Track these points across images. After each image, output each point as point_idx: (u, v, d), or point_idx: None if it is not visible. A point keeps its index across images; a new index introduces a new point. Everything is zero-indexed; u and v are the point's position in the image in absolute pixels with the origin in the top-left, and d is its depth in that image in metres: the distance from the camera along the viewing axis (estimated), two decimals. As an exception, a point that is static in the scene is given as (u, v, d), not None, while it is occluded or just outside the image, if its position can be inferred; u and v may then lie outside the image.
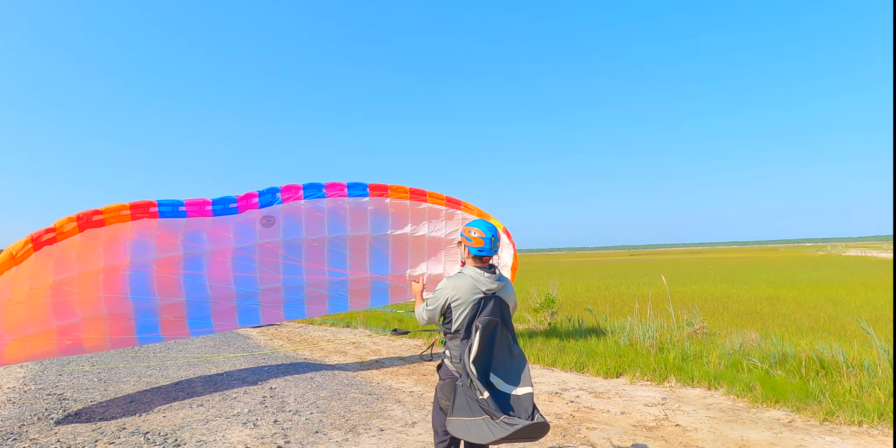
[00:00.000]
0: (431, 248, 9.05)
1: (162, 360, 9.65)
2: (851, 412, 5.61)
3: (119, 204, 6.47)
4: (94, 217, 6.30)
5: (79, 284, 6.43)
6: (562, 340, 9.80)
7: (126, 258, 6.69)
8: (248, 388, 7.51)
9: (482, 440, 3.08)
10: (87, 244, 6.37)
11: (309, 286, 8.20)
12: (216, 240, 7.35)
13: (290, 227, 7.89)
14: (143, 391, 7.46)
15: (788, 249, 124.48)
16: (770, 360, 7.31)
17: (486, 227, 3.55)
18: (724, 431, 5.37)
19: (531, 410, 3.12)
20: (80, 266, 6.37)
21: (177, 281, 7.11)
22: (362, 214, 8.42)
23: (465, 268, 3.55)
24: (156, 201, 6.71)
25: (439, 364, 3.61)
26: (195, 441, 5.37)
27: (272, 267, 7.80)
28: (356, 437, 5.39)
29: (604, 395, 6.81)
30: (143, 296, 6.89)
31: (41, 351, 6.49)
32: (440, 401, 3.53)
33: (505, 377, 3.25)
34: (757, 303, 15.61)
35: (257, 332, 13.35)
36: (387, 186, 8.48)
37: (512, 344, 3.35)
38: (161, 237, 6.89)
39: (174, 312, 7.23)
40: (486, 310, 3.32)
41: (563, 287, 21.51)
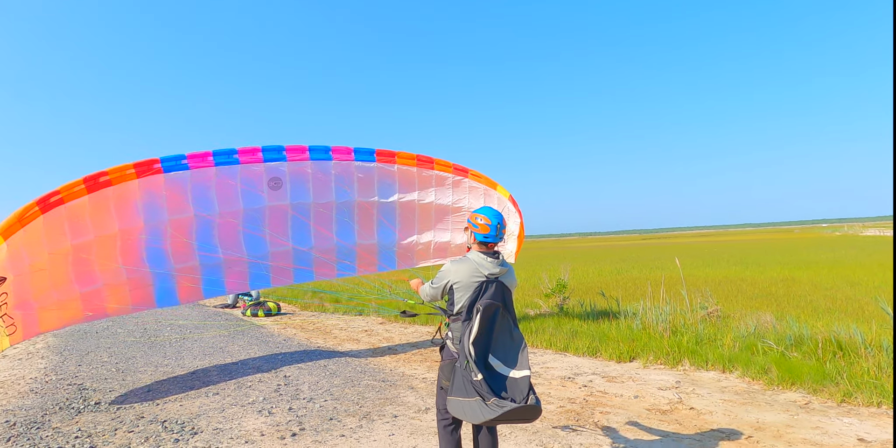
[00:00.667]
0: (438, 215, 9.02)
1: (178, 350, 9.78)
2: (870, 393, 5.54)
3: (123, 164, 6.59)
4: (101, 178, 6.41)
5: (98, 251, 6.58)
6: (574, 325, 9.78)
7: (140, 221, 6.79)
8: (262, 376, 7.59)
9: (474, 420, 3.23)
10: (99, 206, 6.48)
11: (317, 251, 8.24)
12: (224, 201, 7.38)
13: (297, 191, 7.89)
14: (159, 380, 7.58)
15: (804, 230, 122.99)
16: (786, 342, 7.24)
17: (493, 214, 3.66)
18: (739, 414, 5.33)
19: (526, 392, 3.22)
20: (97, 230, 6.50)
21: (189, 246, 7.25)
22: (370, 180, 8.41)
23: (470, 252, 3.68)
24: (159, 158, 6.82)
25: (442, 345, 3.76)
26: (212, 429, 5.44)
27: (281, 231, 7.87)
28: (370, 424, 5.43)
29: (617, 380, 6.79)
30: (159, 262, 7.07)
31: (68, 319, 6.69)
32: (441, 381, 3.69)
33: (504, 359, 3.37)
34: (772, 285, 15.44)
35: (271, 322, 13.48)
36: (394, 153, 8.45)
37: (512, 327, 3.46)
38: (170, 197, 6.97)
39: (189, 277, 7.40)
40: (487, 293, 3.45)
41: (574, 272, 21.45)
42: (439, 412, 3.79)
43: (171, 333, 11.74)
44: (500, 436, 4.97)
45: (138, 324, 13.22)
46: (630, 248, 56.97)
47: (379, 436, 5.08)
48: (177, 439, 5.16)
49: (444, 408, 3.71)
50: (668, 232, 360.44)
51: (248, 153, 7.45)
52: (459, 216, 9.06)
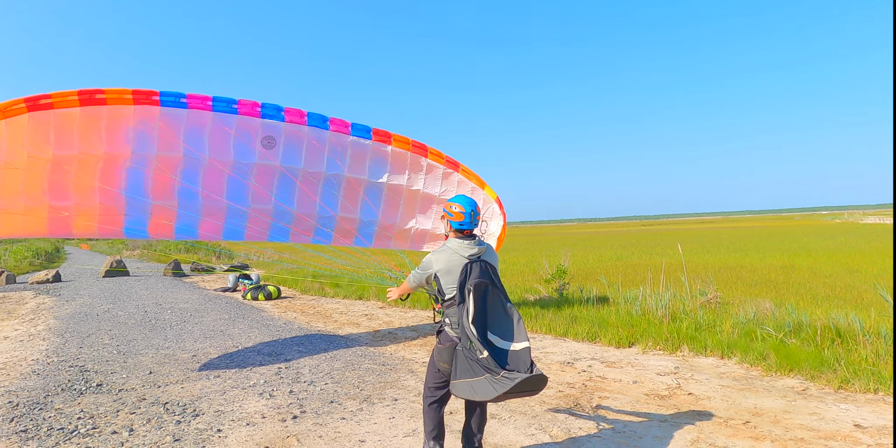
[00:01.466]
0: (424, 203, 9.03)
1: (178, 333, 9.83)
2: (867, 380, 5.57)
3: (122, 88, 6.52)
4: (97, 95, 6.32)
5: (78, 167, 6.46)
6: (573, 311, 9.81)
7: (127, 148, 6.70)
8: (263, 359, 7.63)
9: (487, 397, 3.31)
10: (89, 123, 6.38)
11: (297, 215, 8.25)
12: (216, 150, 7.31)
13: (289, 154, 7.86)
14: (161, 363, 7.62)
15: (804, 218, 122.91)
16: (784, 328, 7.26)
17: (467, 202, 3.79)
18: (737, 400, 5.37)
19: (529, 364, 3.36)
20: (82, 146, 6.39)
21: (172, 186, 7.17)
22: (362, 157, 8.40)
23: (448, 241, 3.79)
24: (158, 90, 6.76)
25: (439, 330, 3.84)
26: (213, 411, 5.48)
27: (265, 191, 7.85)
28: (370, 407, 5.47)
29: (616, 365, 6.83)
30: (138, 195, 6.97)
31: (31, 228, 6.61)
32: (438, 363, 3.76)
33: (502, 334, 3.49)
34: (771, 272, 15.47)
35: (271, 305, 13.53)
36: (390, 134, 8.44)
37: (505, 301, 3.57)
38: (163, 131, 6.88)
39: (164, 215, 7.33)
40: (473, 273, 3.54)
41: (574, 258, 21.49)
42: (428, 389, 3.92)
43: (172, 316, 11.79)
44: (499, 419, 5.01)
45: (139, 307, 13.27)
46: (630, 234, 57.03)
47: (379, 419, 5.12)
48: (178, 421, 5.20)
49: (433, 385, 3.86)
50: (669, 218, 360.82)
51: (247, 106, 7.39)
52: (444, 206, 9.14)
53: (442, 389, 3.85)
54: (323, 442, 4.61)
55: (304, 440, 4.66)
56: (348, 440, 4.63)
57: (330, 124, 7.99)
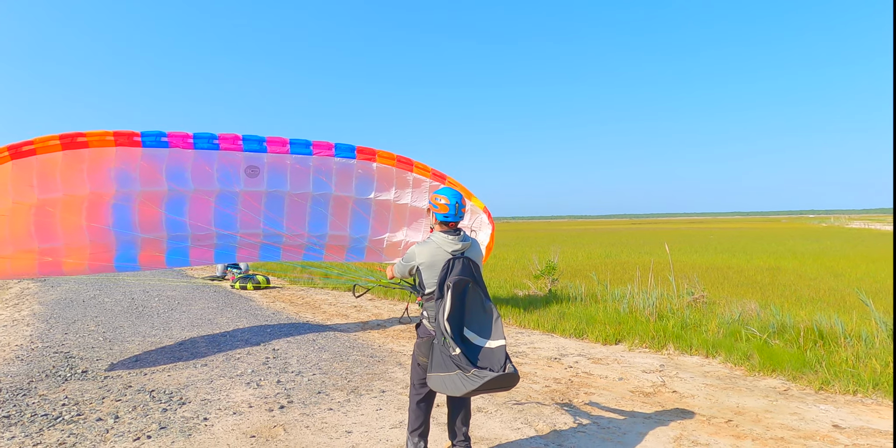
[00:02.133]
0: (413, 216, 9.07)
1: (165, 321, 9.78)
2: (847, 381, 5.68)
3: (102, 130, 6.53)
4: (78, 138, 6.34)
5: (63, 208, 6.50)
6: (562, 307, 9.88)
7: (112, 187, 6.74)
8: (251, 348, 7.62)
9: (456, 393, 3.36)
10: (72, 166, 6.41)
11: (287, 236, 8.31)
12: (199, 181, 7.35)
13: (274, 179, 7.90)
14: (147, 351, 7.59)
15: (791, 220, 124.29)
16: (769, 329, 7.37)
17: (452, 194, 3.77)
18: (720, 398, 5.45)
19: (503, 361, 3.37)
20: (66, 188, 6.42)
21: (159, 217, 7.22)
22: (348, 176, 8.43)
23: (433, 234, 3.79)
24: (139, 131, 6.76)
25: (418, 324, 3.89)
26: (200, 399, 5.47)
27: (253, 215, 7.90)
28: (358, 398, 5.49)
29: (602, 362, 6.89)
30: (125, 229, 7.01)
31: (21, 270, 6.61)
32: (417, 357, 3.82)
33: (479, 331, 3.51)
34: (758, 273, 15.65)
35: (259, 295, 13.48)
36: (374, 151, 8.45)
37: (484, 300, 3.58)
38: (145, 169, 6.93)
39: (154, 246, 7.36)
40: (455, 270, 3.54)
41: (564, 255, 21.59)
42: (413, 387, 3.95)
43: (160, 304, 11.72)
44: (486, 413, 5.05)
45: (126, 294, 13.17)
46: (620, 232, 57.35)
47: (366, 410, 5.14)
48: (164, 409, 5.19)
49: (418, 383, 3.89)
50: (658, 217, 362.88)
51: (229, 140, 7.40)
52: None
53: (427, 386, 3.84)
54: (310, 432, 4.62)
55: (290, 430, 4.67)
56: (335, 431, 4.65)
57: (313, 148, 8.01)
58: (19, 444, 4.40)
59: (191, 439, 4.48)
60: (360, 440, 4.45)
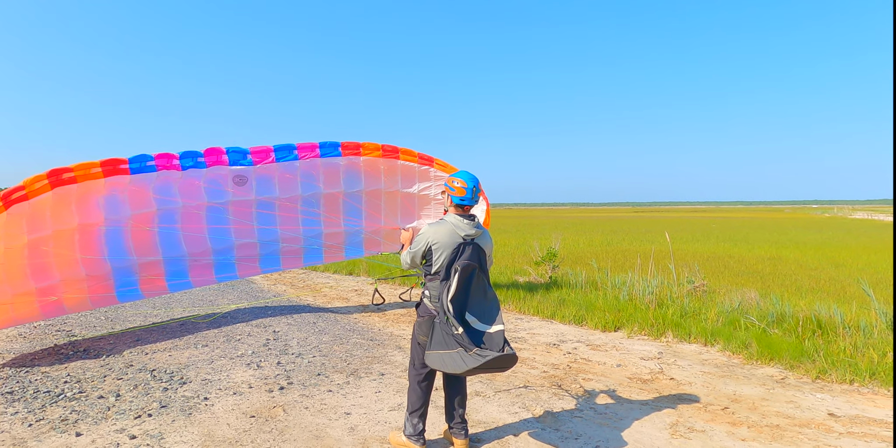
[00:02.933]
0: (405, 202, 9.03)
1: (167, 301, 9.83)
2: (844, 371, 5.70)
3: (89, 161, 6.45)
4: (65, 175, 6.26)
5: (55, 244, 6.40)
6: (562, 293, 9.90)
7: (100, 216, 6.67)
8: (251, 330, 7.67)
9: (456, 370, 3.43)
10: (60, 202, 6.34)
11: (284, 240, 8.25)
12: (188, 195, 7.31)
13: (262, 187, 7.86)
14: (149, 330, 7.64)
15: (794, 210, 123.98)
16: (768, 318, 7.38)
17: (469, 177, 3.76)
18: (717, 386, 5.48)
19: (502, 344, 3.47)
20: (55, 224, 6.33)
21: (152, 239, 7.14)
22: (335, 173, 8.38)
23: (447, 215, 3.80)
24: (126, 158, 6.73)
25: (418, 303, 3.91)
26: (200, 379, 5.52)
27: (246, 222, 7.84)
28: (357, 381, 5.53)
29: (601, 348, 6.92)
30: (120, 255, 6.91)
31: (23, 315, 6.48)
32: (418, 337, 3.85)
33: (479, 317, 3.58)
34: (759, 262, 15.65)
35: (260, 277, 13.53)
36: (359, 144, 8.36)
37: (487, 287, 3.66)
38: (133, 192, 6.88)
39: (152, 270, 7.29)
40: (464, 255, 3.59)
41: (565, 241, 21.59)
42: (414, 367, 3.98)
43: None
44: (484, 397, 5.09)
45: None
46: (621, 220, 57.31)
47: (366, 392, 5.19)
48: (165, 388, 5.24)
49: (419, 363, 3.91)
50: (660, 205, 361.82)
51: (214, 155, 7.35)
52: (426, 203, 9.06)
53: (427, 367, 3.88)
54: (309, 413, 4.66)
55: (290, 411, 4.71)
56: (334, 412, 4.69)
57: (298, 153, 7.94)
58: (22, 420, 4.46)
59: (191, 418, 4.53)
60: (359, 421, 4.50)
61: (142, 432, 4.24)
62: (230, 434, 4.23)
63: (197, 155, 7.25)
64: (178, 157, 7.10)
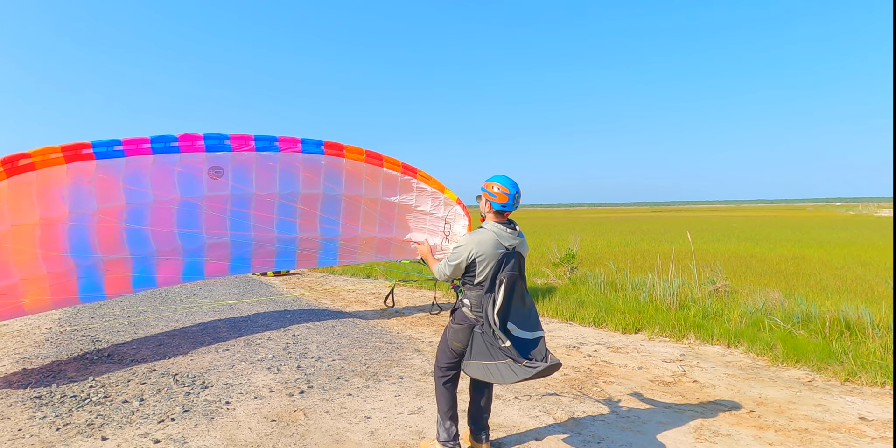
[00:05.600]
0: (385, 211, 8.76)
1: (188, 307, 9.96)
2: (874, 373, 5.55)
3: (48, 146, 5.89)
4: (21, 161, 5.67)
5: (14, 240, 5.92)
6: (581, 295, 9.81)
7: (64, 209, 6.13)
8: (271, 334, 7.72)
9: (504, 381, 3.43)
10: (18, 192, 5.80)
11: (256, 242, 7.90)
12: (159, 188, 6.79)
13: (239, 180, 7.39)
14: (171, 335, 7.74)
15: (817, 208, 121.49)
16: (793, 319, 7.22)
17: (511, 183, 3.63)
18: (742, 388, 5.37)
19: (545, 352, 3.48)
20: (14, 218, 5.83)
21: (119, 236, 6.66)
22: (316, 173, 8.03)
23: (486, 223, 3.68)
24: (90, 142, 6.15)
25: (454, 308, 3.83)
26: (222, 383, 5.57)
27: (219, 222, 7.42)
28: (377, 384, 5.53)
29: (622, 350, 6.84)
30: (84, 253, 6.44)
31: None
32: (451, 342, 3.79)
33: (520, 324, 3.54)
34: (782, 262, 15.35)
35: (279, 281, 13.64)
36: (342, 146, 8.09)
37: (525, 294, 3.62)
38: (101, 183, 6.32)
39: (117, 269, 6.81)
40: (508, 265, 3.52)
41: (583, 242, 21.42)
42: (440, 369, 3.93)
43: (181, 289, 11.93)
44: (504, 401, 5.06)
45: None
46: (639, 220, 56.73)
47: (385, 396, 5.18)
48: (188, 392, 5.29)
49: (445, 366, 3.89)
50: (679, 205, 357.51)
51: (189, 140, 6.83)
52: (406, 213, 8.82)
53: (453, 370, 3.87)
54: (329, 417, 4.67)
55: (310, 415, 4.72)
56: (354, 416, 4.70)
57: (280, 144, 7.54)
58: (50, 424, 4.53)
59: (213, 422, 4.57)
60: (379, 425, 4.49)
61: (165, 436, 4.29)
62: (252, 438, 4.25)
63: (171, 139, 6.71)
64: (150, 140, 6.55)
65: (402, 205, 8.74)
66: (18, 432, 4.39)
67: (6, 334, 7.85)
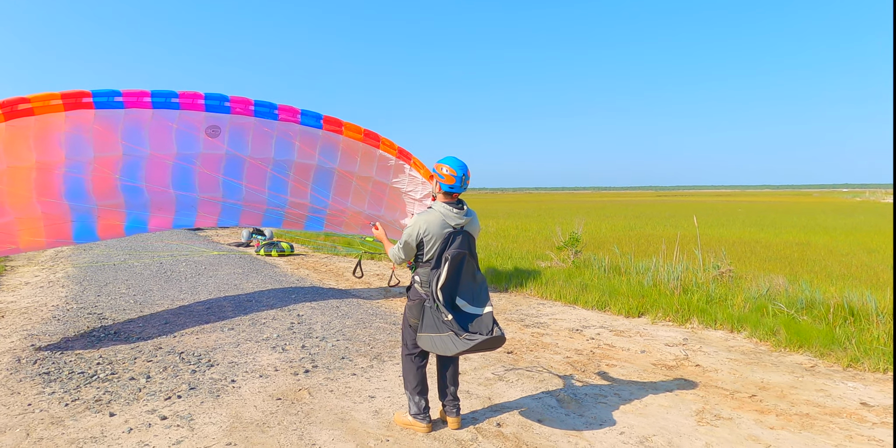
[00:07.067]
0: (375, 191, 8.79)
1: (193, 285, 10.01)
2: (877, 359, 5.55)
3: (49, 92, 5.88)
4: (21, 105, 5.68)
5: (9, 182, 5.99)
6: (584, 279, 9.82)
7: (61, 154, 6.18)
8: (276, 313, 7.78)
9: (447, 352, 3.65)
10: (16, 136, 5.85)
11: (247, 200, 8.05)
12: (157, 144, 6.87)
13: (235, 141, 7.47)
14: (176, 313, 7.80)
15: (823, 194, 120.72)
16: (797, 305, 7.22)
17: (458, 165, 3.76)
18: (744, 373, 5.39)
19: (491, 326, 3.65)
20: (10, 160, 5.89)
21: (114, 184, 6.75)
22: (312, 143, 8.06)
23: (435, 203, 3.82)
24: (90, 91, 6.15)
25: (408, 287, 4.00)
26: (227, 362, 5.63)
27: (213, 179, 7.53)
28: (381, 364, 5.58)
29: (624, 334, 6.87)
30: (79, 199, 6.55)
31: None
32: (409, 319, 3.97)
33: (470, 300, 3.75)
34: (786, 248, 15.30)
35: (284, 262, 13.70)
36: (342, 122, 8.09)
37: (476, 271, 3.81)
38: (98, 132, 6.37)
39: (111, 216, 6.97)
40: (454, 244, 3.71)
41: (587, 226, 21.37)
42: (406, 347, 4.09)
43: (187, 269, 11.99)
44: (507, 382, 5.09)
45: (154, 258, 13.50)
46: (644, 204, 56.51)
47: (389, 376, 5.23)
48: (194, 370, 5.35)
49: (411, 344, 4.04)
50: (684, 189, 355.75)
51: (189, 98, 6.84)
52: (395, 194, 8.85)
53: (418, 346, 4.00)
54: (334, 396, 4.72)
55: (315, 394, 4.77)
56: (358, 395, 4.74)
57: (279, 113, 7.56)
58: (59, 399, 4.60)
59: (219, 400, 4.62)
60: (383, 405, 4.54)
61: (172, 413, 4.34)
62: (257, 416, 4.31)
63: (172, 94, 6.73)
64: (151, 94, 6.56)
65: (393, 187, 8.78)
66: (28, 407, 4.46)
67: (14, 311, 7.93)
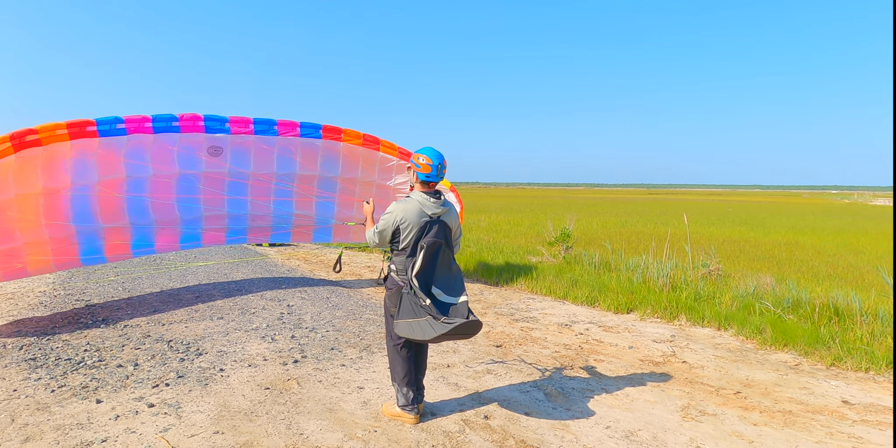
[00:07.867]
0: (379, 192, 8.90)
1: (182, 274, 9.96)
2: (860, 359, 5.64)
3: (55, 123, 6.20)
4: (29, 137, 5.99)
5: (18, 208, 6.21)
6: (574, 274, 9.87)
7: (67, 180, 6.44)
8: (266, 304, 7.76)
9: (425, 337, 3.63)
10: (25, 166, 6.12)
11: (252, 217, 8.20)
12: (160, 161, 7.09)
13: (237, 159, 7.66)
14: (165, 301, 7.76)
15: (812, 196, 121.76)
16: (783, 304, 7.30)
17: (434, 154, 3.83)
18: (729, 370, 5.46)
19: (466, 314, 3.68)
20: (18, 188, 6.14)
21: (119, 205, 6.97)
22: (313, 155, 8.24)
23: (413, 193, 3.88)
24: (94, 120, 6.44)
25: (385, 276, 4.05)
26: (216, 351, 5.61)
27: (217, 195, 7.71)
28: (370, 356, 5.59)
29: (613, 330, 6.92)
30: (86, 221, 6.76)
31: None
32: (389, 308, 3.99)
33: (445, 290, 3.78)
34: (775, 247, 15.45)
35: (274, 252, 13.65)
36: (340, 130, 8.22)
37: (452, 262, 3.85)
38: (102, 156, 6.63)
39: (117, 236, 7.16)
40: (431, 232, 3.77)
41: (579, 223, 21.45)
42: (391, 338, 4.10)
43: (176, 256, 11.92)
44: (496, 376, 5.12)
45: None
46: (636, 201, 56.78)
47: (378, 367, 5.24)
48: (182, 358, 5.33)
49: (393, 333, 4.05)
50: (676, 188, 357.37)
51: (189, 120, 7.07)
52: (401, 196, 8.98)
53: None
54: (322, 386, 4.73)
55: (304, 384, 4.78)
56: (347, 386, 4.75)
57: (278, 128, 7.70)
58: (45, 386, 4.57)
59: (207, 389, 4.62)
60: (372, 396, 4.55)
61: (160, 401, 4.33)
62: (245, 405, 4.31)
63: (172, 118, 6.95)
64: (151, 119, 6.80)
65: (397, 187, 8.86)
66: (14, 393, 4.43)
67: (0, 296, 7.85)
